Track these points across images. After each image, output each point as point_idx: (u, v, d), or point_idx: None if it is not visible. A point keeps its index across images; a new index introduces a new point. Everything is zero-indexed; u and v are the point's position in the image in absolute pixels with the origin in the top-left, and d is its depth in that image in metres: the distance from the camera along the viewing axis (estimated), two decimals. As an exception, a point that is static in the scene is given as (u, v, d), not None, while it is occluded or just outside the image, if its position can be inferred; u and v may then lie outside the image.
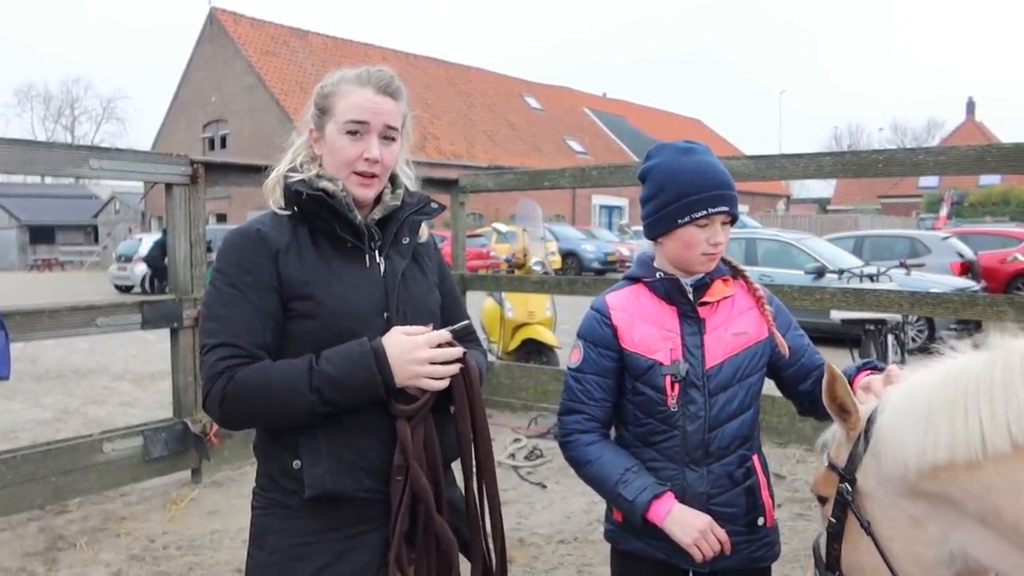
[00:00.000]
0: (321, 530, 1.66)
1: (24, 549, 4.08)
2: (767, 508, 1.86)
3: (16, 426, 6.82)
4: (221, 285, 1.67)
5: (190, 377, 4.96)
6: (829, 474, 1.52)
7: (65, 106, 69.37)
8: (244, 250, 1.68)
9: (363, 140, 1.70)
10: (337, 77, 1.76)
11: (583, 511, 4.50)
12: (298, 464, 1.64)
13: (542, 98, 45.73)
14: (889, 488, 1.38)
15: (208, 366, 1.61)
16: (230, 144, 34.47)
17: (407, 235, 1.80)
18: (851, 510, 1.44)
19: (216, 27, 34.68)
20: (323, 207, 1.67)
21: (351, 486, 1.64)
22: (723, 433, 1.81)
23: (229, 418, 1.64)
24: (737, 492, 1.83)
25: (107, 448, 4.55)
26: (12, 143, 4.31)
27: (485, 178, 7.42)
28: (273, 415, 1.62)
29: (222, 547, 4.12)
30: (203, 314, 1.70)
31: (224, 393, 1.59)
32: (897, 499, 1.38)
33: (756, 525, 1.84)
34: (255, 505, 1.75)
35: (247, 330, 1.62)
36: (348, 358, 1.58)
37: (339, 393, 1.58)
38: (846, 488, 1.45)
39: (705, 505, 1.79)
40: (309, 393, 1.56)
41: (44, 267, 42.21)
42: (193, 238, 4.97)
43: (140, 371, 9.73)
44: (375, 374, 1.57)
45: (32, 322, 4.17)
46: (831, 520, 1.49)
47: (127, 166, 4.72)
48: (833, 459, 1.53)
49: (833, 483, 1.50)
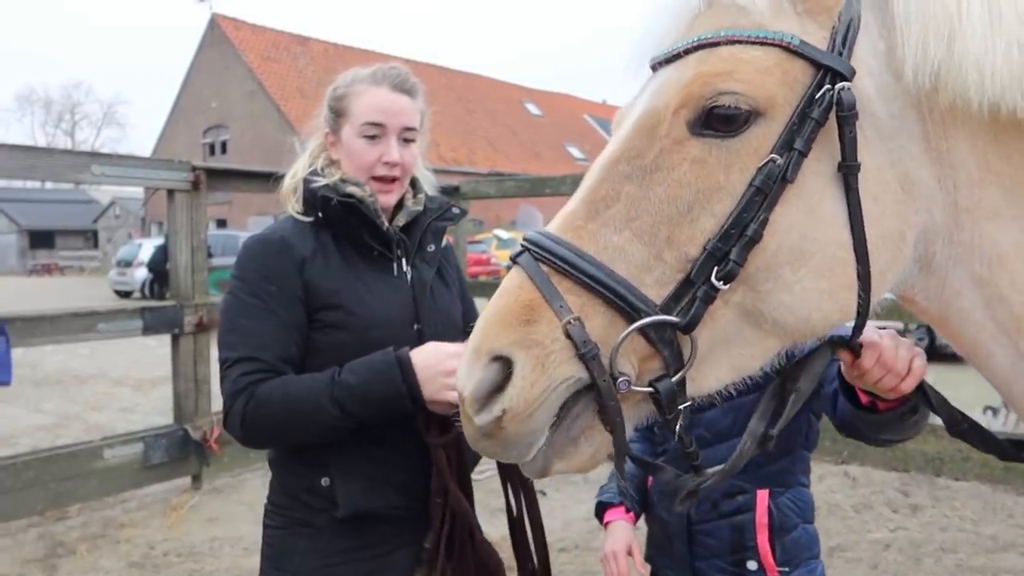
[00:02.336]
0: (349, 549, 1.59)
1: (24, 556, 4.06)
2: (762, 553, 1.70)
3: (16, 431, 6.80)
4: (242, 295, 1.58)
5: (191, 383, 4.96)
6: (784, 61, 0.88)
7: (66, 111, 69.66)
8: (266, 258, 1.60)
9: (381, 143, 1.64)
10: (350, 77, 1.70)
11: (584, 519, 4.49)
12: (327, 482, 1.57)
13: (542, 104, 45.81)
14: (897, 113, 0.90)
15: (230, 382, 1.52)
16: (230, 149, 34.51)
17: (432, 242, 1.74)
18: (843, 134, 0.86)
19: (217, 33, 34.75)
20: (352, 213, 1.60)
21: (383, 504, 1.59)
22: (716, 452, 1.65)
23: (251, 437, 1.55)
24: (721, 525, 1.72)
25: (107, 454, 4.53)
26: (14, 149, 4.32)
27: (486, 185, 7.42)
28: (296, 432, 1.53)
29: (222, 554, 4.10)
30: (223, 325, 1.60)
31: (245, 411, 1.50)
32: (900, 139, 0.90)
33: (745, 567, 1.71)
34: (271, 524, 1.66)
35: (271, 343, 1.54)
36: (371, 369, 1.49)
37: (362, 405, 1.48)
38: (847, 90, 0.85)
39: (685, 527, 1.74)
40: (331, 406, 1.47)
41: (44, 272, 42.24)
42: (195, 244, 4.97)
43: (140, 377, 9.72)
44: (399, 385, 1.47)
45: (33, 328, 4.17)
46: (773, 158, 0.86)
47: (129, 172, 4.72)
48: (776, 29, 0.88)
49: (791, 80, 0.88)
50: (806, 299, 0.89)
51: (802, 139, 0.85)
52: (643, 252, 0.87)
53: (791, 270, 0.88)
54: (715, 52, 0.89)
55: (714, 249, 0.85)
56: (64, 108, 69.80)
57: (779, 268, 0.87)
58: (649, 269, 0.87)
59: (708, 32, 0.90)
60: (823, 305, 0.90)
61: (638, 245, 0.87)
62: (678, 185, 0.87)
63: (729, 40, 0.89)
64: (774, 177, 0.85)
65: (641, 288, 0.86)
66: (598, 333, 0.85)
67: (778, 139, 0.86)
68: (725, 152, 0.87)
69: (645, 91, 0.97)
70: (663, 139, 0.89)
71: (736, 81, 0.86)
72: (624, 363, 0.87)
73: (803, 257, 0.87)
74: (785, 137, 0.86)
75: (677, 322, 0.85)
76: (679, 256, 0.87)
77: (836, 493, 4.75)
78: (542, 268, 0.89)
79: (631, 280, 0.86)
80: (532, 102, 45.35)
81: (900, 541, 4.10)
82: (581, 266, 0.86)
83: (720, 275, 0.85)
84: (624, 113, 1.01)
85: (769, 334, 0.91)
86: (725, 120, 0.87)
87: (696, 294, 0.86)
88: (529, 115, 43.92)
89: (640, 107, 0.94)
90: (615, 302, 0.85)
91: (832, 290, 0.90)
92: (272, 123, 30.96)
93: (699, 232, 0.86)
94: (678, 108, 0.88)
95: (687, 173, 0.87)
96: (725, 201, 0.86)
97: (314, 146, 1.75)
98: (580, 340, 0.84)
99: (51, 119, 69.70)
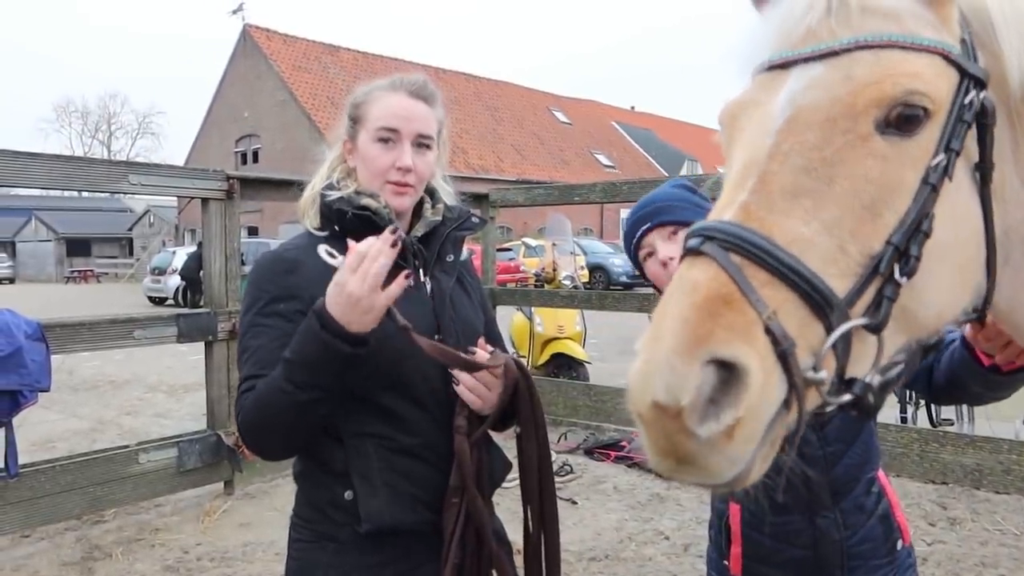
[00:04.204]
0: (373, 565, 1.56)
1: (61, 558, 4.14)
2: (903, 527, 1.68)
3: (53, 436, 6.93)
4: (252, 314, 1.57)
5: (223, 390, 5.02)
6: (942, 69, 0.91)
7: (102, 122, 71.07)
8: (275, 275, 1.59)
9: (395, 148, 1.62)
10: (369, 86, 1.70)
11: (614, 528, 4.46)
12: (350, 495, 1.54)
13: (570, 112, 45.85)
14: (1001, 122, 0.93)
15: (239, 402, 1.52)
16: (262, 159, 34.99)
17: (451, 252, 1.73)
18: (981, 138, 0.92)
19: (249, 43, 35.29)
20: (367, 225, 1.58)
21: (408, 519, 1.56)
22: (843, 467, 1.63)
23: (257, 448, 1.55)
24: (872, 524, 1.65)
25: (142, 459, 4.60)
26: (54, 159, 4.42)
27: (515, 193, 7.44)
28: (279, 428, 1.49)
29: (255, 559, 4.14)
30: (238, 345, 1.60)
31: (240, 426, 1.51)
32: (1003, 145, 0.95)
33: (896, 550, 1.66)
34: (296, 537, 1.64)
35: (276, 360, 1.50)
36: (300, 334, 1.45)
37: (308, 372, 1.42)
38: (988, 97, 0.91)
39: (843, 550, 1.62)
40: (285, 385, 1.43)
41: (80, 279, 43.09)
42: (228, 252, 5.03)
43: (173, 383, 9.86)
44: (319, 332, 1.41)
45: (72, 335, 4.24)
46: (941, 157, 0.89)
47: (165, 181, 4.80)
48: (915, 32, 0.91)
49: (950, 85, 0.91)
50: (942, 291, 0.92)
51: (958, 140, 0.90)
52: (829, 245, 0.85)
53: (939, 264, 0.90)
54: (884, 54, 0.90)
55: (898, 243, 0.85)
56: (101, 119, 71.33)
57: (933, 263, 0.89)
58: (834, 261, 0.85)
59: (865, 35, 0.91)
60: (954, 298, 0.94)
61: (825, 237, 0.85)
62: (864, 180, 0.87)
63: (892, 44, 0.90)
64: (940, 175, 0.88)
65: (828, 280, 0.84)
66: (793, 330, 0.80)
67: (940, 140, 0.90)
68: (903, 150, 0.89)
69: (785, 87, 0.93)
70: (847, 134, 0.88)
71: (924, 82, 0.88)
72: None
73: (948, 251, 0.90)
74: (947, 138, 0.90)
75: (874, 324, 0.85)
76: (862, 250, 0.86)
77: (871, 505, 4.66)
78: (732, 258, 0.83)
79: (819, 273, 0.83)
80: (560, 109, 45.40)
81: (938, 555, 4.01)
82: (780, 256, 0.82)
83: (904, 271, 0.85)
84: (743, 108, 0.99)
85: (907, 328, 0.91)
86: (907, 120, 0.88)
87: (883, 292, 0.85)
88: (557, 122, 43.98)
89: (800, 101, 0.92)
90: (812, 296, 0.82)
91: (965, 283, 0.94)
92: (303, 132, 31.35)
93: (882, 227, 0.87)
94: (868, 105, 0.88)
95: (872, 168, 0.87)
96: (905, 197, 0.88)
97: (332, 158, 1.74)
98: (781, 336, 0.79)
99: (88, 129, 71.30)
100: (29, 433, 6.37)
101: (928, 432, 5.00)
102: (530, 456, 1.63)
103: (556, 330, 7.46)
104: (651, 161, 45.86)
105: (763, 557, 1.66)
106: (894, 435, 4.94)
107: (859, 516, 1.63)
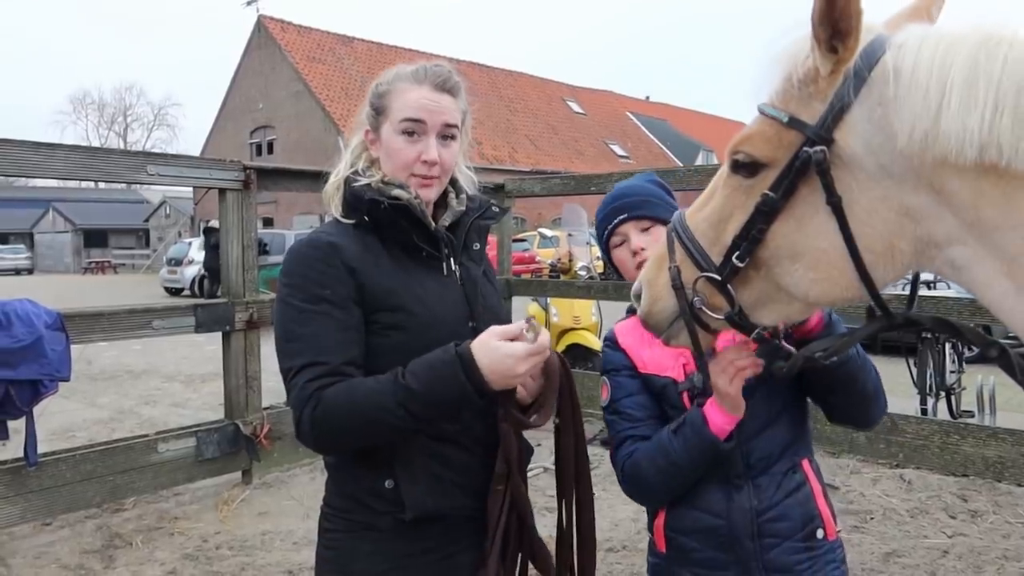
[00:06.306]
0: (414, 553, 1.57)
1: (82, 546, 4.18)
2: (825, 518, 1.74)
3: (73, 425, 7.00)
4: (296, 301, 1.53)
5: (241, 379, 5.04)
6: (781, 131, 1.22)
7: (118, 113, 71.59)
8: (315, 261, 1.56)
9: (421, 140, 1.61)
10: (392, 74, 1.67)
11: (631, 519, 4.45)
12: (391, 483, 1.54)
13: (584, 102, 45.65)
14: (888, 163, 1.14)
15: (297, 390, 1.48)
16: (276, 149, 35.07)
17: (476, 240, 1.74)
18: (821, 180, 1.17)
19: (264, 34, 35.33)
20: (403, 216, 1.58)
21: (450, 505, 1.57)
22: (761, 441, 1.71)
23: (323, 444, 1.53)
24: (789, 503, 1.71)
25: (162, 448, 4.63)
26: (73, 149, 4.44)
27: (532, 183, 7.40)
28: (364, 436, 1.49)
29: (273, 548, 4.17)
30: (280, 335, 1.56)
31: (314, 419, 1.45)
32: (892, 181, 1.15)
33: (815, 538, 1.72)
34: (330, 528, 1.63)
35: (333, 346, 1.50)
36: (432, 368, 1.44)
37: (427, 406, 1.44)
38: (819, 152, 1.16)
39: (755, 522, 1.68)
40: (396, 409, 1.42)
41: (97, 270, 43.48)
42: (245, 242, 5.04)
43: (191, 372, 9.94)
44: (464, 383, 1.43)
45: (92, 324, 4.27)
46: (767, 193, 1.23)
47: (183, 172, 4.80)
48: (786, 108, 1.21)
49: (786, 143, 1.21)
50: (802, 282, 1.27)
51: (788, 181, 1.22)
52: (711, 234, 1.36)
53: (790, 262, 1.27)
54: (755, 118, 1.28)
55: (736, 241, 1.30)
56: (117, 111, 71.81)
57: (781, 260, 1.27)
58: (713, 243, 1.36)
59: (761, 102, 1.27)
60: (814, 287, 1.27)
61: (710, 231, 1.36)
62: (723, 199, 1.34)
63: (760, 111, 1.27)
64: (769, 204, 1.24)
65: (711, 255, 1.35)
66: (687, 276, 1.38)
67: (774, 181, 1.24)
68: (744, 185, 1.29)
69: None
70: (722, 169, 1.36)
71: (748, 144, 1.27)
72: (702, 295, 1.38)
73: (797, 254, 1.26)
74: (778, 180, 1.23)
75: (717, 278, 1.34)
76: (723, 240, 1.34)
77: (891, 497, 4.63)
78: (671, 235, 1.41)
79: (706, 250, 1.36)
80: (574, 99, 45.20)
81: (959, 547, 3.98)
82: (687, 236, 1.38)
83: (738, 257, 1.30)
84: None
85: (792, 300, 1.33)
86: (741, 165, 1.29)
87: (729, 264, 1.32)
88: (571, 112, 43.80)
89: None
90: (698, 261, 1.36)
91: (820, 278, 1.25)
92: (317, 123, 31.40)
93: (731, 230, 1.32)
94: (728, 153, 1.32)
95: (728, 196, 1.33)
96: (742, 216, 1.30)
97: (355, 144, 1.72)
98: (674, 274, 1.39)
99: (104, 121, 71.79)
100: (49, 422, 6.44)
101: (949, 424, 4.94)
102: (567, 446, 1.67)
103: (572, 320, 7.44)
104: (666, 151, 45.62)
105: (684, 528, 1.75)
106: (914, 427, 4.89)
107: (774, 493, 1.71)
